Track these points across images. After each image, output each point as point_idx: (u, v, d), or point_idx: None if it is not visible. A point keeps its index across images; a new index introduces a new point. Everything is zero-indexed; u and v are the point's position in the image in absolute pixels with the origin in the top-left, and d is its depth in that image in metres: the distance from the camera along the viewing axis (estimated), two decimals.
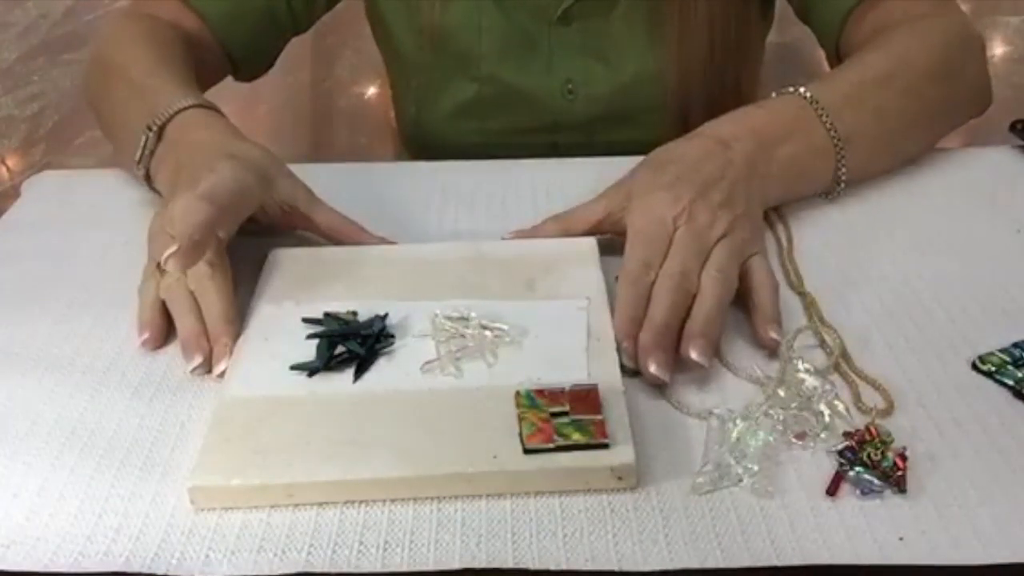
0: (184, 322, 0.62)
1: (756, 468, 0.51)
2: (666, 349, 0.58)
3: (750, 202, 0.67)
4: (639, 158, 0.72)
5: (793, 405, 0.55)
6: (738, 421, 0.54)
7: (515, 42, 0.94)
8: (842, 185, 0.75)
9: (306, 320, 0.62)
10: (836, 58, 0.88)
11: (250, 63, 0.94)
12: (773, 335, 0.60)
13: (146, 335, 0.62)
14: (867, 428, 0.54)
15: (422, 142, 1.02)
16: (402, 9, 0.96)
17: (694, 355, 0.57)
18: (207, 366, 0.60)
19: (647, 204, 0.65)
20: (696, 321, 0.59)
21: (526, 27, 0.93)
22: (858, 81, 0.76)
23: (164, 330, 0.63)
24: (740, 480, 0.51)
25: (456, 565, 0.47)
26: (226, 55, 0.91)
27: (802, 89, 0.73)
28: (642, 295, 0.60)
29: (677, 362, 0.58)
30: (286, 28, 0.95)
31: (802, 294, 0.66)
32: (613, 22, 0.92)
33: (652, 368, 0.57)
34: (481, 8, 0.92)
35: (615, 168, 0.82)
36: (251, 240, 0.69)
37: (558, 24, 0.92)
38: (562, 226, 0.70)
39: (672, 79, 0.92)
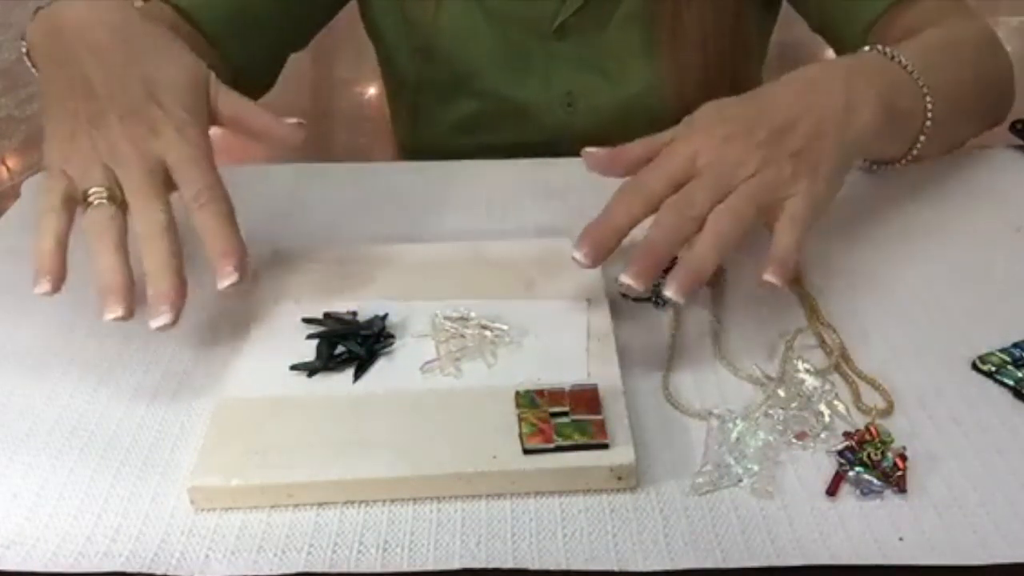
0: (110, 262, 0.57)
1: (756, 468, 0.51)
2: (647, 266, 0.57)
3: (822, 144, 0.62)
4: None
5: (793, 405, 0.55)
6: (738, 421, 0.54)
7: (512, 58, 0.93)
8: (919, 146, 0.72)
9: (306, 320, 0.62)
10: None
11: (252, 79, 0.89)
12: (768, 277, 0.58)
13: (46, 285, 0.57)
14: (867, 428, 0.54)
15: (420, 157, 1.01)
16: (397, 27, 0.96)
17: (668, 292, 0.56)
18: (128, 315, 0.56)
19: (685, 134, 0.62)
20: (684, 256, 0.57)
21: (522, 42, 0.93)
22: (929, 47, 0.75)
23: (63, 274, 0.58)
24: (740, 480, 0.51)
25: (456, 565, 0.47)
26: (228, 68, 0.85)
27: (879, 47, 0.71)
28: (633, 205, 0.59)
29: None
30: (288, 40, 0.92)
31: (802, 294, 0.66)
32: (610, 35, 0.92)
33: (624, 278, 0.57)
34: (475, 26, 0.92)
35: None
36: (251, 240, 0.69)
37: (554, 38, 0.92)
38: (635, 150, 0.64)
39: (668, 90, 0.92)
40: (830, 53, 0.92)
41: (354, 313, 0.62)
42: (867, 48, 0.71)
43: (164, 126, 0.59)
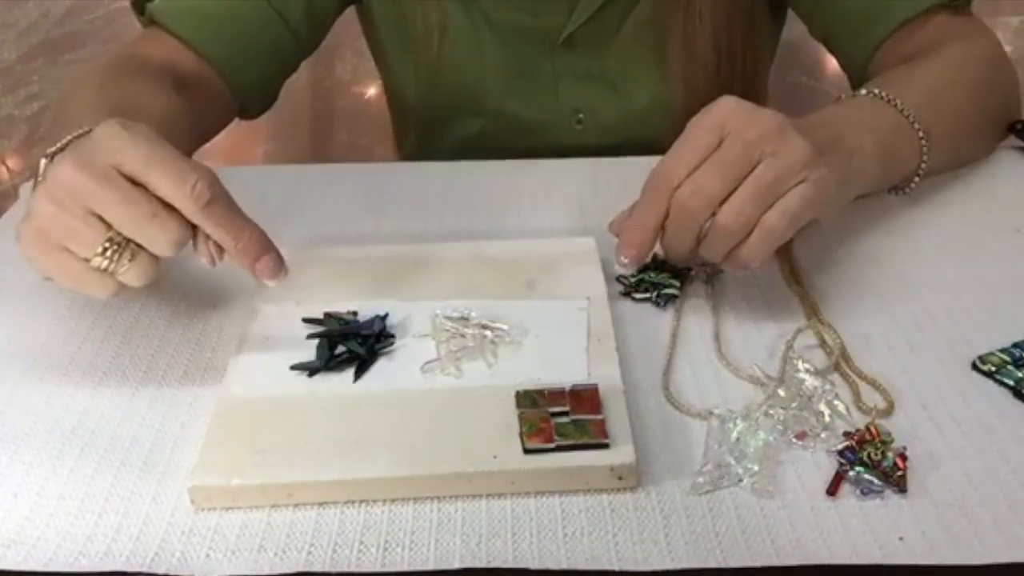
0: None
1: (756, 468, 0.51)
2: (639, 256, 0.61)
3: (836, 152, 0.62)
4: (638, 158, 0.71)
5: (793, 405, 0.55)
6: (738, 421, 0.54)
7: (519, 73, 0.92)
8: (917, 179, 0.73)
9: (306, 320, 0.62)
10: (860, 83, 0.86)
11: (257, 100, 0.89)
12: (726, 266, 0.60)
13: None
14: (867, 428, 0.54)
15: None
16: (402, 47, 0.95)
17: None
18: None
19: (714, 105, 0.61)
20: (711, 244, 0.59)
21: (529, 56, 0.91)
22: (929, 85, 0.75)
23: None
24: (740, 480, 0.51)
25: (456, 565, 0.47)
26: (233, 94, 0.85)
27: (876, 90, 0.71)
28: (659, 204, 0.59)
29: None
30: (291, 60, 0.90)
31: (802, 294, 0.66)
32: (618, 46, 0.90)
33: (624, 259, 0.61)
34: (482, 42, 0.91)
35: (615, 168, 0.82)
36: None
37: (562, 50, 0.90)
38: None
39: (678, 105, 0.90)
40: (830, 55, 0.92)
41: (354, 313, 0.62)
42: (864, 91, 0.71)
43: (107, 139, 0.54)
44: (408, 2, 0.91)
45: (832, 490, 0.50)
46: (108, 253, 0.53)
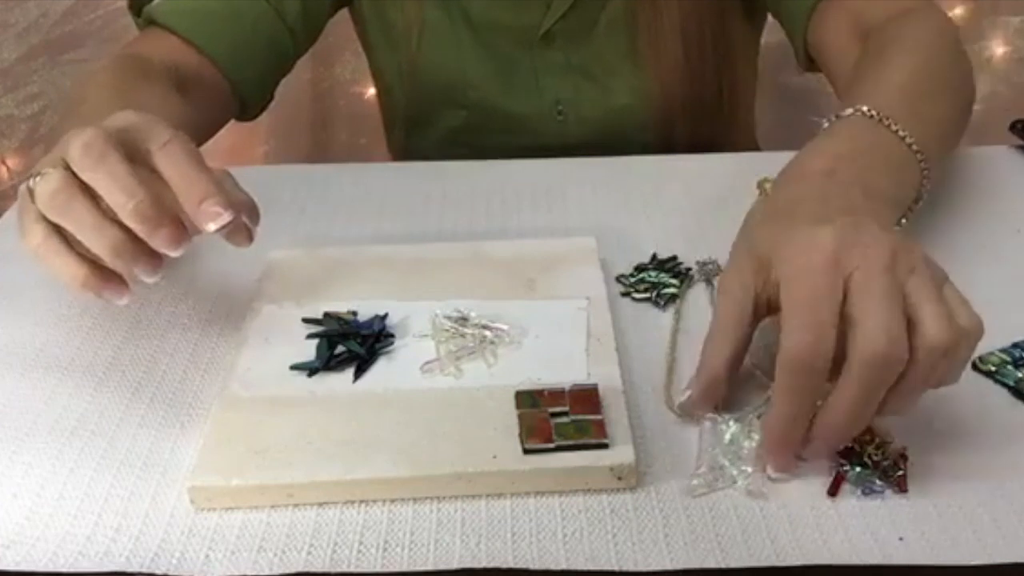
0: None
1: (750, 470, 0.51)
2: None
3: (886, 222, 0.57)
4: (640, 157, 0.71)
5: None
6: (731, 423, 0.54)
7: (500, 68, 0.93)
8: (919, 203, 0.65)
9: (306, 320, 0.62)
10: (804, 52, 0.85)
11: (256, 99, 0.90)
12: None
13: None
14: (867, 428, 0.53)
15: None
16: (387, 44, 0.96)
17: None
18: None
19: (796, 254, 0.50)
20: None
21: (509, 52, 0.93)
22: (909, 91, 0.69)
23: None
24: (735, 482, 0.51)
25: (456, 565, 0.47)
26: (233, 91, 0.86)
27: (864, 108, 0.64)
28: (811, 388, 0.48)
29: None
30: (288, 58, 0.91)
31: None
32: (596, 41, 0.92)
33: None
34: (461, 38, 0.92)
35: (616, 167, 0.82)
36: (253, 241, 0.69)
37: (541, 45, 0.92)
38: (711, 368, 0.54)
39: (656, 98, 0.92)
40: None
41: (354, 313, 0.62)
42: (850, 110, 0.64)
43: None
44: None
45: (832, 490, 0.50)
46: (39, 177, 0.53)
